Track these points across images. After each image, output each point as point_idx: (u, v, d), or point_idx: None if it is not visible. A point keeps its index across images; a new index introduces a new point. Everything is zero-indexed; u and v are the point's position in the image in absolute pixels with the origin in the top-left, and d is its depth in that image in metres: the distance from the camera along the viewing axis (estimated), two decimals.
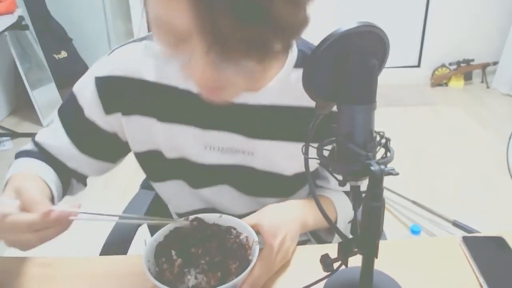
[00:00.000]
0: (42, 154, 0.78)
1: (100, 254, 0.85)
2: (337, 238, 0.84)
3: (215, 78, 0.48)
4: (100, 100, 0.71)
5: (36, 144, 0.79)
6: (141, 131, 0.72)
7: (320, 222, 0.75)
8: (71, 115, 0.75)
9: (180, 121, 0.70)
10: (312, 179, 0.85)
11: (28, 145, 0.81)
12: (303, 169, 0.74)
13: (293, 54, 0.69)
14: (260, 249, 0.62)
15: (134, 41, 0.72)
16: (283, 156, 0.74)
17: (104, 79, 0.70)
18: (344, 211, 0.81)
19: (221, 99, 0.55)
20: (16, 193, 0.57)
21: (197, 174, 0.75)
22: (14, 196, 0.57)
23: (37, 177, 0.68)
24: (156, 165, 0.76)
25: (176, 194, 0.81)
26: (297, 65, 0.69)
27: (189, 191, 0.79)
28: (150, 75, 0.69)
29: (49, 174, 0.73)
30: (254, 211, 0.72)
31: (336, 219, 0.80)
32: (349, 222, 0.85)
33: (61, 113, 0.76)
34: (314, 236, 0.83)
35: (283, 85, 0.69)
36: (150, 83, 0.69)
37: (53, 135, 0.77)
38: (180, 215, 0.85)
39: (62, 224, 0.55)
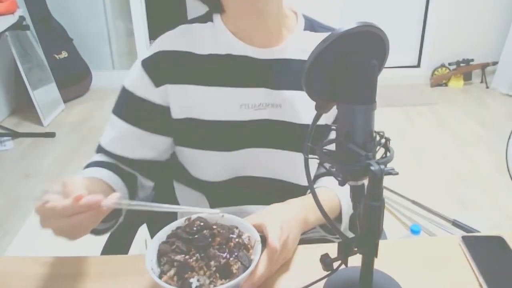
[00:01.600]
0: (106, 158, 0.82)
1: (101, 254, 0.86)
2: (345, 226, 0.84)
3: None
4: (149, 76, 0.78)
5: (100, 148, 0.83)
6: (183, 98, 0.79)
7: (322, 218, 0.76)
8: (125, 103, 0.81)
9: (218, 83, 0.79)
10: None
11: (94, 156, 0.84)
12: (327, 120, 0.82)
13: (301, 20, 0.84)
14: (262, 249, 0.62)
15: (171, 30, 0.82)
16: (307, 106, 0.78)
17: (149, 59, 0.79)
18: (347, 198, 0.81)
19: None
20: (62, 185, 0.60)
21: (231, 135, 0.81)
22: (60, 188, 0.59)
23: (94, 178, 0.73)
24: (192, 131, 0.81)
25: (205, 161, 0.83)
26: (305, 29, 0.84)
27: (219, 159, 0.82)
28: (190, 48, 0.79)
29: (110, 176, 0.76)
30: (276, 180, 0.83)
31: (340, 208, 0.81)
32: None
33: (116, 108, 0.83)
34: (324, 228, 0.83)
35: (296, 44, 0.81)
36: (191, 54, 0.79)
37: (113, 130, 0.82)
38: (205, 184, 0.86)
39: (93, 210, 0.57)
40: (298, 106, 0.81)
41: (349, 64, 0.49)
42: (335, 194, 0.82)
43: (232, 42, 0.78)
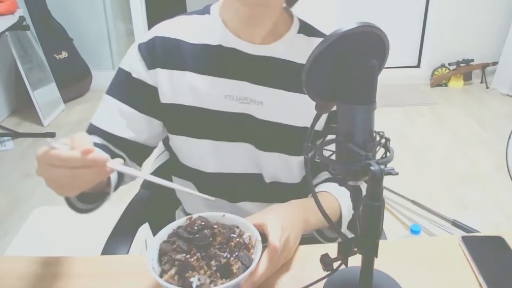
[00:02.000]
0: (96, 139, 0.81)
1: (101, 254, 0.86)
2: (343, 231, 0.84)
3: None
4: (143, 59, 0.81)
5: (91, 128, 0.83)
6: (171, 83, 0.81)
7: (323, 220, 0.76)
8: (121, 83, 0.83)
9: (205, 72, 0.81)
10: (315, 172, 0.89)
11: None
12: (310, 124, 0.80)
13: (296, 23, 0.85)
14: (263, 248, 0.62)
15: (170, 19, 0.85)
16: (290, 106, 0.82)
17: (146, 43, 0.81)
18: (347, 203, 0.82)
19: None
20: (70, 139, 0.58)
21: (215, 125, 0.82)
22: (67, 141, 0.58)
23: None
24: (179, 117, 0.83)
25: (192, 148, 0.85)
26: (299, 31, 0.84)
27: (205, 147, 0.83)
28: (184, 36, 0.81)
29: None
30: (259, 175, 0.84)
31: (340, 213, 0.82)
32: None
33: (110, 89, 0.84)
34: (320, 235, 0.84)
35: (288, 44, 0.82)
36: (184, 42, 0.81)
37: (105, 110, 0.83)
38: (195, 173, 0.87)
39: (98, 168, 0.55)
40: (280, 105, 0.82)
41: (349, 64, 0.49)
42: (335, 199, 0.82)
43: (224, 34, 0.80)
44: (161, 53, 0.80)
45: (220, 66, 0.81)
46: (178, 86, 0.81)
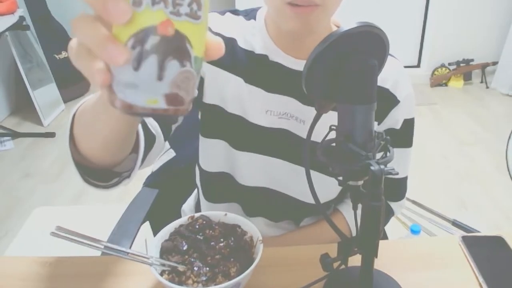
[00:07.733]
0: None
1: (101, 254, 0.86)
2: None
3: None
4: None
5: None
6: (216, 81, 0.78)
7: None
8: None
9: (250, 81, 0.77)
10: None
11: None
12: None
13: None
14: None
15: (218, 12, 0.81)
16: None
17: None
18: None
19: (306, 22, 0.64)
20: None
21: (247, 136, 0.79)
22: None
23: None
24: (214, 120, 0.80)
25: (213, 151, 0.82)
26: None
27: (228, 153, 0.80)
28: (233, 35, 0.78)
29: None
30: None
31: (350, 234, 0.84)
32: None
33: None
34: None
35: None
36: (232, 40, 0.77)
37: None
38: (208, 174, 0.84)
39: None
40: (324, 126, 0.77)
41: (349, 64, 0.49)
42: (346, 222, 0.84)
43: (270, 47, 0.76)
44: None
45: (265, 78, 0.77)
46: (223, 89, 0.77)
